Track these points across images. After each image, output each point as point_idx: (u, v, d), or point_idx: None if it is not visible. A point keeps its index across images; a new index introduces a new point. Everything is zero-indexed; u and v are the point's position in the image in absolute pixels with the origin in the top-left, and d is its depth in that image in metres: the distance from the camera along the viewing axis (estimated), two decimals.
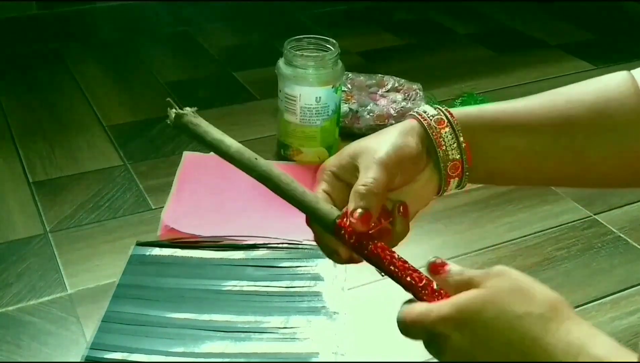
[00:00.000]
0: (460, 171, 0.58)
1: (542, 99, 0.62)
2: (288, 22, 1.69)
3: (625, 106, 0.60)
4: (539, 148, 0.60)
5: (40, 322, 0.81)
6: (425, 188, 0.59)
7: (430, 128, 0.57)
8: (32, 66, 1.47)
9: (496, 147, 0.59)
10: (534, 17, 1.81)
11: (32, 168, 1.11)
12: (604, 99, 0.61)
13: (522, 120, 0.60)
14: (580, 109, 0.60)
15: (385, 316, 0.84)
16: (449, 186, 0.60)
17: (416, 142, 0.56)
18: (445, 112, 0.58)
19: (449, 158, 0.57)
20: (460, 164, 0.58)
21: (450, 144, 0.57)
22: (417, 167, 0.57)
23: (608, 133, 0.60)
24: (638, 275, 0.92)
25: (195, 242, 0.92)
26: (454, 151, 0.58)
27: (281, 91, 1.10)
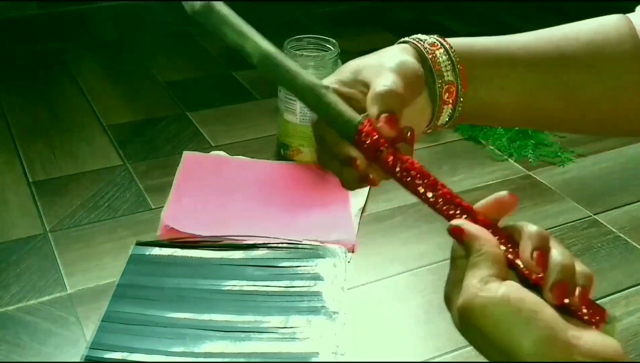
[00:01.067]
0: (455, 96, 0.56)
1: (539, 34, 0.60)
2: (288, 22, 1.69)
3: (621, 47, 0.59)
4: (532, 80, 0.58)
5: (40, 322, 0.81)
6: (418, 117, 0.56)
7: (425, 49, 0.55)
8: (32, 66, 1.47)
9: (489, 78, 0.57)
10: (534, 17, 1.81)
11: (32, 167, 1.11)
12: (601, 38, 0.60)
13: (515, 52, 0.58)
14: (576, 45, 0.59)
15: (385, 316, 0.85)
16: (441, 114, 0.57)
17: (415, 61, 0.54)
18: (438, 38, 0.56)
19: (444, 79, 0.55)
20: (455, 88, 0.56)
21: (445, 65, 0.55)
22: (417, 88, 0.54)
23: (602, 72, 0.59)
24: (638, 275, 0.92)
25: (195, 242, 0.92)
26: (449, 73, 0.55)
27: (281, 90, 1.10)
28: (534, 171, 1.14)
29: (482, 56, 0.57)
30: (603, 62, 0.59)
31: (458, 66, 0.55)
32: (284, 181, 1.08)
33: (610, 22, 0.61)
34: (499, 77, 0.57)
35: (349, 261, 0.91)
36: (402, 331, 0.83)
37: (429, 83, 0.55)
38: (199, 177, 1.07)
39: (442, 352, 0.79)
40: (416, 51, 0.55)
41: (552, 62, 0.58)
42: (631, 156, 1.19)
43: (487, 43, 0.58)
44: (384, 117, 0.48)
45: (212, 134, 1.22)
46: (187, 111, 1.30)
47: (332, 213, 1.00)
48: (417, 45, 0.55)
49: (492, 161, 1.16)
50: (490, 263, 0.46)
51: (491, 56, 0.57)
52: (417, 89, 0.53)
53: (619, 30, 0.60)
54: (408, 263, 0.92)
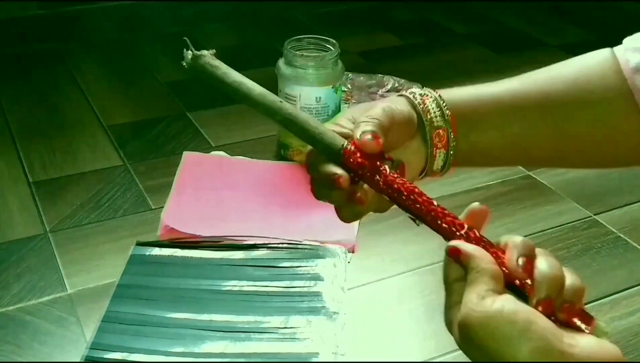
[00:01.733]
0: (446, 141, 0.59)
1: (523, 78, 0.63)
2: (288, 22, 1.70)
3: (605, 82, 0.61)
4: (520, 123, 0.61)
5: (40, 322, 0.81)
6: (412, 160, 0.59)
7: (416, 99, 0.59)
8: (32, 66, 1.47)
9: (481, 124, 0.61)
10: (534, 17, 1.81)
11: (32, 167, 1.11)
12: (585, 75, 0.62)
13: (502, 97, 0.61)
14: (560, 85, 0.61)
15: (385, 316, 0.85)
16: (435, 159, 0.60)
17: (406, 108, 0.58)
18: (429, 90, 0.60)
19: (434, 125, 0.58)
20: (446, 134, 0.59)
21: (435, 112, 0.59)
22: (408, 130, 0.58)
23: (587, 109, 0.61)
24: (638, 276, 0.92)
25: (195, 242, 0.92)
26: (439, 119, 0.59)
27: (281, 91, 1.10)
28: (534, 171, 1.14)
29: (469, 103, 0.60)
30: (588, 99, 0.61)
31: (447, 112, 0.59)
32: (284, 182, 1.08)
33: (593, 59, 0.63)
34: (487, 123, 0.61)
35: (349, 261, 0.91)
36: (402, 331, 0.83)
37: (422, 130, 0.58)
38: (199, 177, 1.07)
39: (443, 352, 0.79)
40: (409, 101, 0.59)
41: (537, 105, 0.61)
42: None
43: (474, 92, 0.61)
44: (367, 133, 0.52)
45: (212, 134, 1.22)
46: (187, 111, 1.30)
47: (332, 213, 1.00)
48: (409, 97, 0.59)
49: None
50: (487, 278, 0.47)
51: (478, 103, 0.61)
52: (407, 131, 0.57)
53: (602, 65, 0.62)
54: (408, 263, 0.92)
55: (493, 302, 0.46)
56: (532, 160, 0.69)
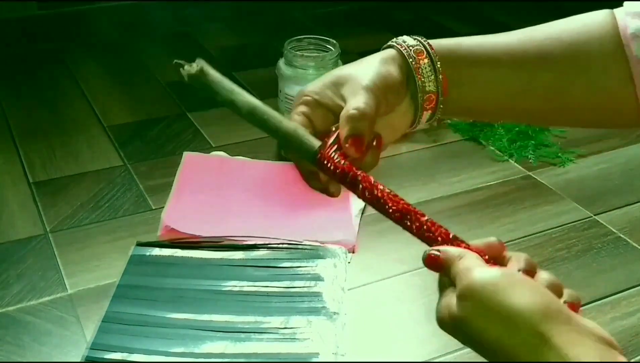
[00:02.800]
0: (434, 104, 0.58)
1: (521, 35, 0.62)
2: (288, 22, 1.69)
3: (603, 46, 0.60)
4: (515, 82, 0.60)
5: (40, 322, 0.81)
6: (400, 120, 0.59)
7: (410, 58, 0.57)
8: (32, 66, 1.47)
9: (472, 79, 0.59)
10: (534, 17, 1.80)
11: (32, 168, 1.11)
12: (583, 37, 0.61)
13: (499, 54, 0.60)
14: (558, 46, 0.61)
15: (385, 316, 0.85)
16: (423, 118, 0.59)
17: (397, 71, 0.56)
18: (424, 43, 0.58)
19: (426, 89, 0.57)
20: (435, 97, 0.58)
21: (428, 76, 0.57)
22: (399, 96, 0.57)
23: (584, 71, 0.60)
24: (638, 276, 0.92)
25: (195, 242, 0.92)
26: (431, 83, 0.57)
27: (281, 91, 1.10)
28: (535, 171, 1.14)
29: (465, 58, 0.59)
30: (584, 62, 0.60)
31: (440, 76, 0.58)
32: (284, 182, 1.08)
33: (593, 21, 0.62)
34: (481, 78, 0.59)
35: (350, 261, 0.91)
36: (402, 331, 0.83)
37: (412, 89, 0.57)
38: (200, 177, 1.07)
39: (443, 352, 0.79)
40: (401, 57, 0.57)
41: (534, 63, 0.60)
42: (631, 156, 1.19)
43: (470, 44, 0.60)
44: (351, 140, 0.52)
45: (212, 134, 1.22)
46: (188, 112, 1.30)
47: (332, 213, 1.00)
48: (402, 52, 0.57)
49: (493, 161, 1.16)
50: (475, 258, 0.49)
51: (474, 58, 0.59)
52: (396, 100, 0.56)
53: (601, 29, 0.61)
54: (408, 263, 0.92)
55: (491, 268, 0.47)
56: (522, 118, 0.68)
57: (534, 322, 0.43)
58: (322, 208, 1.01)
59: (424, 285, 0.88)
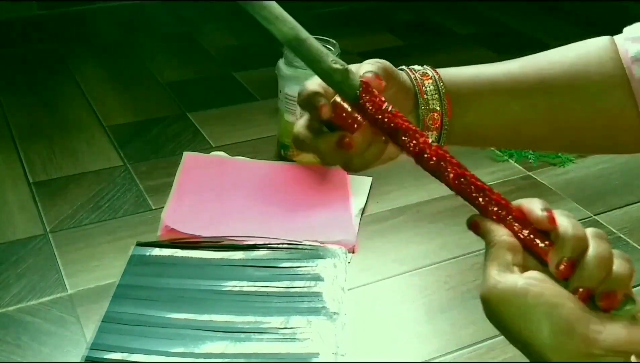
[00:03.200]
0: (440, 124, 0.59)
1: (522, 62, 0.63)
2: None
3: (603, 70, 0.61)
4: (516, 107, 0.61)
5: (40, 322, 0.81)
6: None
7: (416, 79, 0.59)
8: (32, 66, 1.47)
9: (476, 105, 0.61)
10: (534, 17, 1.81)
11: (32, 168, 1.11)
12: (583, 61, 0.62)
13: (500, 80, 0.61)
14: (558, 70, 0.61)
15: (385, 316, 0.85)
16: None
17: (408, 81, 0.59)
18: (430, 69, 0.60)
19: (429, 107, 0.59)
20: (440, 117, 0.59)
21: (432, 95, 0.59)
22: (407, 98, 0.58)
23: (584, 96, 0.61)
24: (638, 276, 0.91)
25: (195, 242, 0.92)
26: (435, 101, 0.59)
27: (281, 91, 1.10)
28: (534, 171, 1.14)
29: (468, 84, 0.61)
30: (584, 86, 0.61)
31: (444, 95, 0.59)
32: (284, 182, 1.08)
33: (594, 46, 0.63)
34: (483, 104, 0.61)
35: (350, 261, 0.91)
36: (402, 331, 0.83)
37: (416, 109, 0.59)
38: (200, 178, 1.07)
39: (443, 353, 0.79)
40: (408, 78, 0.59)
41: (534, 88, 0.61)
42: (631, 156, 1.19)
43: (473, 72, 0.62)
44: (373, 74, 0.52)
45: (212, 134, 1.22)
46: (188, 112, 1.30)
47: (332, 213, 1.00)
48: (409, 73, 0.59)
49: (493, 161, 1.16)
50: (505, 251, 0.48)
51: (476, 85, 0.61)
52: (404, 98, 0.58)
53: (602, 54, 0.62)
54: (408, 263, 0.92)
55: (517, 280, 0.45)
56: (525, 143, 0.69)
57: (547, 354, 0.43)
58: (322, 208, 1.01)
59: (424, 285, 0.88)
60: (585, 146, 0.68)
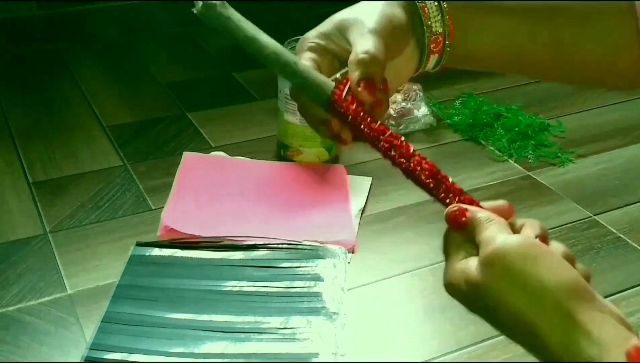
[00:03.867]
0: (442, 46, 0.57)
1: None
2: (288, 22, 1.69)
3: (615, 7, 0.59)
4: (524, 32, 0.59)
5: (40, 322, 0.81)
6: (406, 64, 0.58)
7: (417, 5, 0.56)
8: (32, 66, 1.47)
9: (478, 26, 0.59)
10: None
11: (32, 168, 1.11)
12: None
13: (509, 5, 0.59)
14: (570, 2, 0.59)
15: (385, 316, 0.85)
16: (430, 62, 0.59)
17: (402, 12, 0.55)
18: None
19: (432, 30, 0.56)
20: (442, 39, 0.57)
21: (434, 16, 0.56)
22: (405, 39, 0.56)
23: (594, 28, 0.60)
24: (638, 276, 0.92)
25: (195, 242, 0.92)
26: (437, 23, 0.56)
27: (281, 91, 1.10)
28: (534, 171, 1.14)
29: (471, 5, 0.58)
30: (596, 18, 0.60)
31: (447, 17, 0.56)
32: (284, 182, 1.08)
33: None
34: (490, 26, 0.58)
35: (349, 261, 0.91)
36: (402, 331, 0.83)
37: (417, 32, 0.56)
38: (199, 178, 1.07)
39: (443, 353, 0.79)
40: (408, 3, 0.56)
41: (544, 15, 0.59)
42: (631, 156, 1.19)
43: None
44: (363, 83, 0.50)
45: (212, 134, 1.22)
46: (187, 112, 1.30)
47: (332, 213, 1.00)
48: None
49: (492, 161, 1.16)
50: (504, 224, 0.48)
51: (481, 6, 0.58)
52: (402, 43, 0.55)
53: None
54: (408, 263, 0.92)
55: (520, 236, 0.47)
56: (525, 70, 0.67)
57: (561, 297, 0.43)
58: (321, 208, 1.01)
59: (424, 285, 0.88)
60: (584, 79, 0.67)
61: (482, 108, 1.28)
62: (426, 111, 1.23)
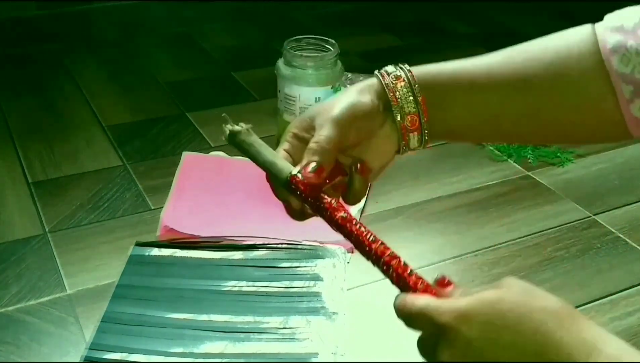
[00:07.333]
0: (418, 125, 0.60)
1: (501, 57, 0.63)
2: (288, 22, 1.70)
3: (582, 64, 0.60)
4: (496, 105, 0.61)
5: (40, 322, 0.81)
6: (385, 144, 0.61)
7: (387, 84, 0.60)
8: (32, 66, 1.47)
9: (454, 104, 0.61)
10: (534, 18, 1.81)
11: (32, 168, 1.11)
12: (563, 57, 0.61)
13: (479, 78, 0.61)
14: (538, 67, 0.61)
15: (384, 316, 0.84)
16: (407, 141, 0.61)
17: (371, 99, 0.59)
18: (403, 69, 0.61)
19: (405, 111, 0.60)
20: (418, 118, 0.60)
21: (405, 98, 0.60)
22: (373, 123, 0.60)
23: (564, 92, 0.61)
24: (637, 276, 0.92)
25: (194, 242, 0.92)
26: (410, 104, 0.60)
27: (280, 91, 1.10)
28: (534, 171, 1.14)
29: (446, 82, 0.61)
30: (563, 82, 0.61)
31: (419, 97, 0.60)
32: None
33: (574, 38, 0.62)
34: (462, 102, 0.61)
35: (349, 261, 0.91)
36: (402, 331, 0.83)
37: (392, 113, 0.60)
38: (199, 177, 1.07)
39: None
40: (379, 83, 0.60)
41: (513, 85, 0.61)
42: (630, 156, 1.19)
43: (452, 69, 0.62)
44: (310, 167, 0.56)
45: (211, 134, 1.22)
46: (187, 112, 1.30)
47: None
48: (380, 79, 0.61)
49: (492, 161, 1.16)
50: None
51: (455, 82, 0.61)
52: (370, 126, 0.60)
53: (581, 46, 0.61)
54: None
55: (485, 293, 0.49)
56: (507, 138, 0.71)
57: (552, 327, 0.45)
58: None
59: None
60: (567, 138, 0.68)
61: None
62: None
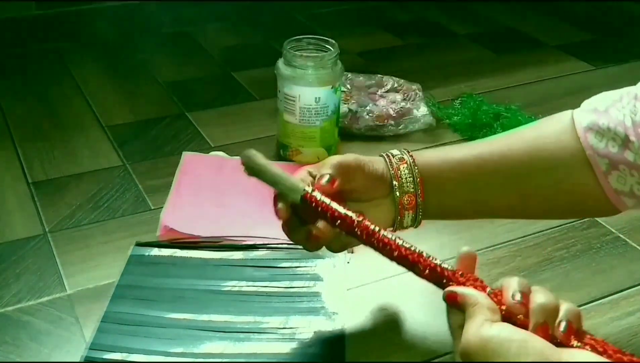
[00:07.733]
0: (414, 204, 0.69)
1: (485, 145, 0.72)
2: (288, 22, 1.69)
3: (561, 144, 0.68)
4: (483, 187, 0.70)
5: (39, 322, 0.81)
6: (382, 215, 0.70)
7: (392, 164, 0.70)
8: (32, 66, 1.47)
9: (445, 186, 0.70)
10: (534, 17, 1.81)
11: (31, 168, 1.11)
12: (542, 137, 0.70)
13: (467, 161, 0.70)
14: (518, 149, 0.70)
15: (384, 316, 0.85)
16: (403, 218, 0.71)
17: (382, 168, 0.70)
18: (407, 154, 0.70)
19: (404, 189, 0.69)
20: (414, 198, 0.69)
21: (406, 178, 0.68)
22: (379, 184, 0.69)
23: (545, 170, 0.69)
24: (637, 276, 0.92)
25: (194, 242, 0.92)
26: (409, 184, 0.68)
27: (280, 91, 1.10)
28: None
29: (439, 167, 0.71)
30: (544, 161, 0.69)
31: (417, 179, 0.69)
32: None
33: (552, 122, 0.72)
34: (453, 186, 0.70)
35: (349, 261, 0.91)
36: (402, 331, 0.83)
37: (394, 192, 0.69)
38: (199, 177, 1.07)
39: (443, 353, 0.79)
40: (386, 163, 0.71)
41: (498, 169, 0.70)
42: None
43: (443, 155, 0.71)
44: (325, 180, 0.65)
45: (211, 134, 1.22)
46: (187, 112, 1.30)
47: None
48: (388, 159, 0.71)
49: None
50: (485, 309, 0.53)
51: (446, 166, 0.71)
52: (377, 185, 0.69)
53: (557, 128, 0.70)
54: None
55: (490, 328, 0.50)
56: (496, 215, 0.78)
57: None
58: None
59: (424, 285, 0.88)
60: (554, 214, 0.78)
61: (481, 108, 1.28)
62: (425, 111, 1.23)
